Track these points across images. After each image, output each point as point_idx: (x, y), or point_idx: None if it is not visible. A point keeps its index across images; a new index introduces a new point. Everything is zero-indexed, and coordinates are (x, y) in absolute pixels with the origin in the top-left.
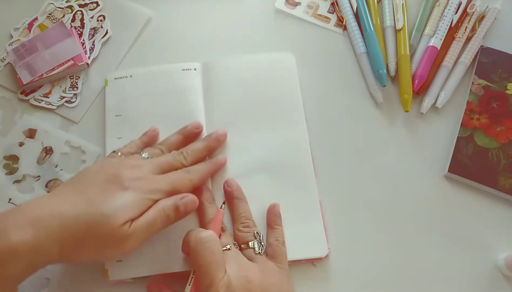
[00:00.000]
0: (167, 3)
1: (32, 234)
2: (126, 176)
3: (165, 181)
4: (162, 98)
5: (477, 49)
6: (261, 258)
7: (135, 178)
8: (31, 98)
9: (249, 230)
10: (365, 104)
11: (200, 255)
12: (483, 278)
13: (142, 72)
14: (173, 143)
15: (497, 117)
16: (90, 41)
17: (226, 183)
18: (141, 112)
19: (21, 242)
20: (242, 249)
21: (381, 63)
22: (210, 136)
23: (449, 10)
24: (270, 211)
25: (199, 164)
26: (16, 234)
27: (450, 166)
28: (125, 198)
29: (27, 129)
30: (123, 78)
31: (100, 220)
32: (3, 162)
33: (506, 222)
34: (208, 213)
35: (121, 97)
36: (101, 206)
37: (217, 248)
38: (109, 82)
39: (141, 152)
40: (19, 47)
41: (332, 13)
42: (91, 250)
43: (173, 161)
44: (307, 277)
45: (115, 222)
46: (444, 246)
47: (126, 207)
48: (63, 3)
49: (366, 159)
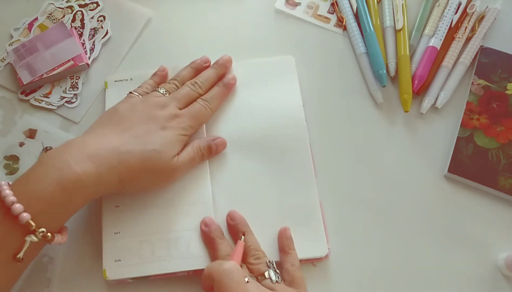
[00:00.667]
0: (167, 3)
1: (95, 167)
2: (161, 115)
3: (191, 115)
4: None
5: (477, 49)
6: (280, 286)
7: (168, 116)
8: (31, 99)
9: (260, 261)
10: (365, 105)
11: (226, 286)
12: (483, 278)
13: (143, 75)
14: (186, 77)
15: (497, 118)
16: (90, 41)
17: (229, 216)
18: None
19: (85, 174)
20: (259, 281)
21: (381, 63)
22: (218, 63)
23: (449, 10)
24: (281, 235)
25: (213, 90)
26: (80, 167)
27: (450, 166)
28: (168, 136)
29: (27, 130)
30: (123, 81)
31: (153, 155)
32: (3, 162)
33: (506, 222)
34: (221, 249)
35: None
36: (151, 144)
37: (242, 279)
38: (109, 85)
39: (157, 89)
40: (19, 47)
41: (332, 14)
42: (146, 180)
43: (192, 92)
44: (307, 277)
45: (166, 156)
46: (444, 246)
47: (171, 144)
48: (63, 3)
49: (366, 159)
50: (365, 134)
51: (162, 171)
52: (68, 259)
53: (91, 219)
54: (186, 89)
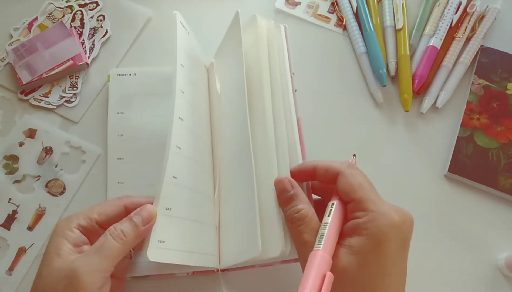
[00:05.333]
0: (167, 3)
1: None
2: None
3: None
4: (165, 100)
5: (477, 49)
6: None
7: None
8: (31, 98)
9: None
10: (365, 104)
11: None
12: (483, 278)
13: (146, 71)
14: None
15: (497, 117)
16: (90, 41)
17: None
18: (144, 112)
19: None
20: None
21: (381, 63)
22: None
23: (449, 10)
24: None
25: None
26: None
27: (450, 166)
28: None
29: (27, 129)
30: (127, 75)
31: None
32: (3, 162)
33: (506, 222)
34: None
35: (124, 94)
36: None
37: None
38: (111, 78)
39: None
40: (19, 47)
41: (332, 13)
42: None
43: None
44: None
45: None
46: (444, 246)
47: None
48: (63, 3)
49: (366, 159)
50: (365, 134)
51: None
52: None
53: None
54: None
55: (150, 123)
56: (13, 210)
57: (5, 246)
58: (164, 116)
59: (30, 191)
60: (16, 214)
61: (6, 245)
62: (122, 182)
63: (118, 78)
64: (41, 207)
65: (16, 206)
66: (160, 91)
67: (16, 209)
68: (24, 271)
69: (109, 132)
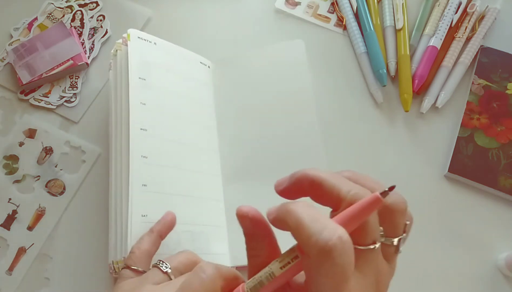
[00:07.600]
0: (167, 3)
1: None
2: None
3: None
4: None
5: (477, 49)
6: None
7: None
8: (31, 98)
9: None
10: (365, 104)
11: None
12: (483, 278)
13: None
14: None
15: (497, 117)
16: (89, 41)
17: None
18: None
19: None
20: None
21: (381, 63)
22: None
23: (449, 10)
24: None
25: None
26: None
27: (450, 166)
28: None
29: (27, 129)
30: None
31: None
32: (3, 162)
33: (506, 222)
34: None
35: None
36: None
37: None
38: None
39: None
40: (19, 47)
41: (332, 13)
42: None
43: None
44: None
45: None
46: (444, 246)
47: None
48: (63, 3)
49: (366, 158)
50: (365, 134)
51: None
52: (68, 259)
53: (92, 219)
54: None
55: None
56: (13, 210)
57: (5, 246)
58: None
59: (30, 191)
60: (16, 214)
61: (6, 245)
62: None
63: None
64: (41, 207)
65: (16, 206)
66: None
67: (16, 209)
68: (24, 271)
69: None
